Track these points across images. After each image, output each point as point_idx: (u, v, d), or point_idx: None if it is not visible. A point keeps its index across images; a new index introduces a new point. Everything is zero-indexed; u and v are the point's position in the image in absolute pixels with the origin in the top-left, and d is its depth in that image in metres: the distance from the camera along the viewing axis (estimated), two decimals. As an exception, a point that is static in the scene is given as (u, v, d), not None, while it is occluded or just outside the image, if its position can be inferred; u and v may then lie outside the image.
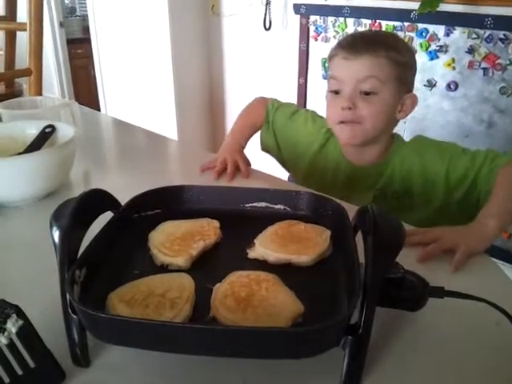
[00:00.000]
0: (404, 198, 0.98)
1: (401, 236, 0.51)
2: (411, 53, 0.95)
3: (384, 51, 0.88)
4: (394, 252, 0.49)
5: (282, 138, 1.15)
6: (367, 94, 0.89)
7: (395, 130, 1.03)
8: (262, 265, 0.60)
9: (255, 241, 0.62)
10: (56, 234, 0.51)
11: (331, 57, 0.94)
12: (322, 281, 0.57)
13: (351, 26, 2.27)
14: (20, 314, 0.44)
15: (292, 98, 2.62)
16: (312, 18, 2.41)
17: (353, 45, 0.90)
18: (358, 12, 2.22)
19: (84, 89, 4.60)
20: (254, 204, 0.72)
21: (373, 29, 2.14)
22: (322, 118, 1.10)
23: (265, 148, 1.20)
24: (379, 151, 0.99)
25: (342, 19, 2.29)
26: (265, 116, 1.15)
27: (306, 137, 1.10)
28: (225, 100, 3.07)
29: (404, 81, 0.92)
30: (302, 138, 1.11)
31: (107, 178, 1.05)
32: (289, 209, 0.72)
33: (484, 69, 1.90)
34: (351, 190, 1.01)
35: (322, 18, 2.37)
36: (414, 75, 0.96)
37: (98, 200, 0.60)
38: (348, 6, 2.24)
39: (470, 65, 1.93)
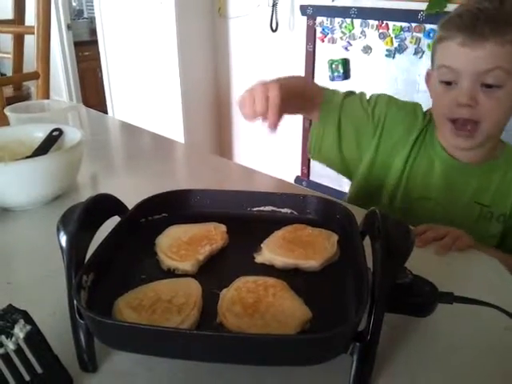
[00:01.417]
0: (510, 227, 0.86)
1: (409, 241, 0.50)
2: None
3: None
4: (402, 257, 0.49)
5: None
6: (489, 86, 0.75)
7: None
8: (269, 269, 0.59)
9: (262, 245, 0.62)
10: (63, 239, 0.51)
11: (440, 39, 0.79)
12: (330, 286, 0.57)
13: (358, 27, 2.26)
14: (27, 319, 0.44)
15: (299, 100, 2.62)
16: (319, 19, 2.41)
17: (474, 27, 0.73)
18: (365, 13, 2.21)
19: (91, 91, 4.63)
20: (261, 208, 0.72)
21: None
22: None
23: (318, 145, 0.95)
24: (488, 150, 0.86)
25: (348, 20, 2.29)
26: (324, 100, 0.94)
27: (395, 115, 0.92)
28: (231, 102, 3.07)
29: None
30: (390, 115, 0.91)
31: (114, 180, 1.06)
32: (296, 213, 0.71)
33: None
34: (450, 196, 0.87)
35: (329, 19, 2.37)
36: None
37: (105, 205, 0.60)
38: (355, 7, 2.23)
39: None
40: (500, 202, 0.86)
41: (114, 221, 0.62)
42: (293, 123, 2.69)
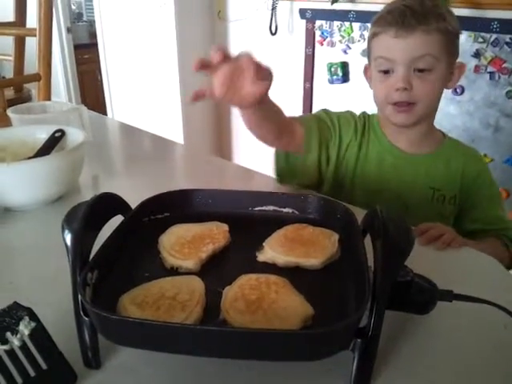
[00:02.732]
0: (462, 207, 0.97)
1: (410, 239, 0.51)
2: (455, 16, 0.89)
3: (435, 23, 0.83)
4: (403, 256, 0.49)
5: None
6: (421, 71, 0.85)
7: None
8: (271, 268, 0.60)
9: (264, 244, 0.63)
10: (68, 237, 0.51)
11: (375, 34, 0.89)
12: (331, 284, 0.57)
13: (357, 31, 2.27)
14: (32, 316, 0.44)
15: (298, 103, 2.62)
16: (318, 22, 2.42)
17: (403, 20, 0.83)
18: (363, 17, 2.22)
19: (91, 94, 4.62)
20: (263, 207, 0.72)
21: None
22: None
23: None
24: (426, 130, 0.95)
25: (347, 24, 2.30)
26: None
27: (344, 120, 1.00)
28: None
29: (454, 50, 0.89)
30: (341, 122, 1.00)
31: (115, 181, 1.06)
32: (297, 212, 0.72)
33: (490, 73, 1.90)
34: (403, 184, 0.96)
35: (328, 22, 2.38)
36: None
37: (108, 204, 0.61)
38: (354, 11, 2.24)
39: (476, 69, 1.93)
40: (449, 185, 0.96)
41: (117, 220, 0.62)
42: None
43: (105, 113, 3.55)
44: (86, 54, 4.60)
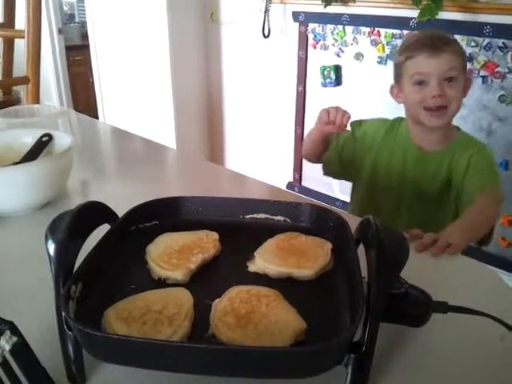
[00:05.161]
0: (458, 195, 1.13)
1: (404, 250, 0.50)
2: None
3: (454, 46, 1.10)
4: (397, 267, 0.48)
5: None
6: (450, 81, 1.07)
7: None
8: (262, 279, 0.58)
9: (255, 254, 0.61)
10: (51, 248, 0.50)
11: (409, 57, 1.11)
12: (324, 295, 0.56)
13: (350, 34, 2.27)
14: (14, 330, 0.42)
15: (291, 106, 2.62)
16: (311, 25, 2.41)
17: (432, 44, 1.08)
18: (356, 20, 2.22)
19: (82, 96, 4.59)
20: (254, 215, 0.71)
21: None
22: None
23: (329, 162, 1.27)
24: (444, 134, 1.15)
25: (340, 27, 2.29)
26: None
27: (372, 129, 1.25)
28: (223, 108, 3.06)
29: (466, 67, 1.14)
30: (368, 132, 1.25)
31: (105, 187, 1.04)
32: (289, 220, 0.70)
33: (483, 77, 1.90)
34: (419, 177, 1.16)
35: (321, 25, 2.37)
36: None
37: (94, 212, 0.59)
38: (347, 14, 2.24)
39: (469, 73, 1.93)
40: (452, 178, 1.14)
41: (104, 229, 0.60)
42: (285, 129, 2.69)
43: (96, 115, 3.52)
44: (77, 55, 4.56)
